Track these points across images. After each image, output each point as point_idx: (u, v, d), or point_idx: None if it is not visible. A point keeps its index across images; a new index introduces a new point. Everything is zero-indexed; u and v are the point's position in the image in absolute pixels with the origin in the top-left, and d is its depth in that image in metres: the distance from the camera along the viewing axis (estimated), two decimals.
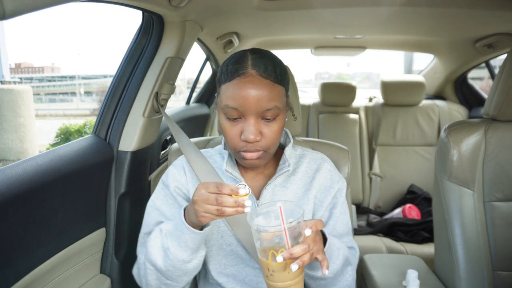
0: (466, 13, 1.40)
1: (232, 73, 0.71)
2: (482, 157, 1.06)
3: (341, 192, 0.86)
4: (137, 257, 0.83)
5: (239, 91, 0.69)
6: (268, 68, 0.71)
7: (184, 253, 0.71)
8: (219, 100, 0.75)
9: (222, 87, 0.73)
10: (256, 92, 0.69)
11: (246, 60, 0.72)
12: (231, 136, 0.74)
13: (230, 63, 0.73)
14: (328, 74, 29.46)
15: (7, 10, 0.51)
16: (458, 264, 1.07)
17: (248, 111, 0.70)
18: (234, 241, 0.82)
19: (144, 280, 0.78)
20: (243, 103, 0.70)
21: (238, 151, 0.75)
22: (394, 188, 2.32)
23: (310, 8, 1.35)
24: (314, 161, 0.88)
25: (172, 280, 0.74)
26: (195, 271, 0.75)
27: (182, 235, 0.69)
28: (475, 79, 2.51)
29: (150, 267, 0.75)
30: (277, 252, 0.60)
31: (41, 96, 18.75)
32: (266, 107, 0.70)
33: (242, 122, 0.72)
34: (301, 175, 0.86)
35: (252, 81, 0.70)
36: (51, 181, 0.85)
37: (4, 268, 0.74)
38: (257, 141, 0.72)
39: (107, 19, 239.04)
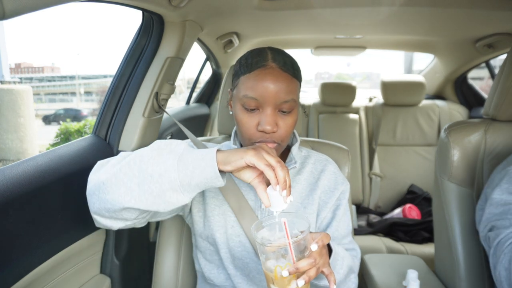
0: (466, 13, 1.40)
1: (253, 65, 0.74)
2: (482, 157, 1.06)
3: (344, 194, 0.88)
4: None
5: (259, 82, 0.72)
6: (287, 62, 0.75)
7: (182, 177, 0.61)
8: (237, 91, 0.77)
9: (241, 79, 0.75)
10: (276, 83, 0.72)
11: (266, 54, 0.75)
12: (247, 127, 0.75)
13: (250, 56, 0.76)
14: (328, 74, 29.47)
15: (7, 10, 0.51)
16: (458, 264, 1.07)
17: (267, 101, 0.72)
18: (242, 232, 0.83)
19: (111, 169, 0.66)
20: (262, 93, 0.72)
21: (253, 142, 0.76)
22: (394, 188, 2.32)
23: (310, 8, 1.35)
24: (319, 162, 0.90)
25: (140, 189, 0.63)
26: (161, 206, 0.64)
27: (199, 161, 0.61)
28: (475, 79, 2.51)
29: (136, 159, 0.64)
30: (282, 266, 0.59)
31: (41, 96, 18.75)
32: (284, 99, 0.73)
33: (259, 113, 0.74)
34: (307, 175, 0.87)
35: (272, 73, 0.73)
36: (51, 181, 0.85)
37: (4, 268, 0.74)
38: (274, 132, 0.74)
39: (107, 19, 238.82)
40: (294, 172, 0.86)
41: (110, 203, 0.66)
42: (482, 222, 0.91)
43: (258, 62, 0.74)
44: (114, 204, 0.65)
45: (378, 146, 2.36)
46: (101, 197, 0.67)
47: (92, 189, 0.69)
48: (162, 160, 0.62)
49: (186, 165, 0.61)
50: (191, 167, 0.61)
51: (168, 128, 1.58)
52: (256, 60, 0.74)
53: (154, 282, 1.00)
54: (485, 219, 0.89)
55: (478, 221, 0.95)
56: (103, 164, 0.73)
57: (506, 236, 0.80)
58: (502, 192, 0.86)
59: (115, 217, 0.69)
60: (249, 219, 0.82)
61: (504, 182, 0.86)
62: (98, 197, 0.68)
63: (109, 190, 0.65)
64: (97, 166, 0.73)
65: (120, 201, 0.64)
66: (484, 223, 0.89)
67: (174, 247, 1.01)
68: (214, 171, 0.61)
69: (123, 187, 0.64)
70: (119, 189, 0.64)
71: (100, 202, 0.67)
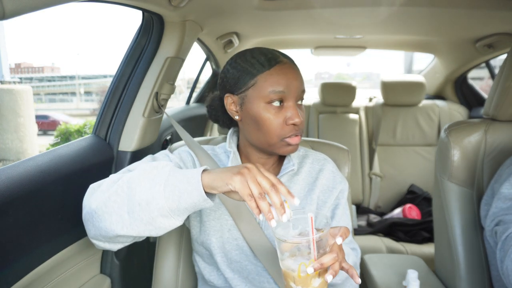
0: (466, 13, 1.40)
1: (270, 62, 0.75)
2: (482, 157, 1.06)
3: (343, 194, 0.87)
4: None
5: (284, 75, 0.75)
6: (290, 58, 0.80)
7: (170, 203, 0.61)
8: (256, 91, 0.75)
9: (261, 77, 0.75)
10: (295, 75, 0.77)
11: (273, 52, 0.78)
12: (276, 125, 0.76)
13: (258, 54, 0.77)
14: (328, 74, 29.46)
15: (7, 10, 0.51)
16: (459, 264, 1.07)
17: (292, 93, 0.76)
18: (239, 235, 0.83)
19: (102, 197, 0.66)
20: (288, 85, 0.75)
21: (283, 138, 0.77)
22: (394, 188, 2.32)
23: (310, 8, 1.35)
24: (317, 161, 0.90)
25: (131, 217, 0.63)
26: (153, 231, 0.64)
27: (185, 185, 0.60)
28: (475, 79, 2.51)
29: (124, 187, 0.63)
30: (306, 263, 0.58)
31: (41, 96, 18.74)
32: (303, 88, 0.79)
33: (283, 109, 0.76)
34: (304, 175, 0.87)
35: (290, 67, 0.77)
36: (51, 181, 0.85)
37: (4, 268, 0.74)
38: (302, 122, 0.78)
39: (107, 19, 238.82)
40: (292, 173, 0.86)
41: (104, 230, 0.66)
42: (489, 216, 0.90)
43: (272, 59, 0.76)
44: (107, 231, 0.66)
45: (378, 146, 2.36)
46: (95, 225, 0.67)
47: (86, 216, 0.69)
48: (148, 186, 0.62)
49: (173, 190, 0.61)
50: (178, 192, 0.60)
51: (168, 128, 1.58)
52: (268, 57, 0.76)
53: (154, 282, 1.00)
54: (492, 213, 0.89)
55: (484, 216, 0.95)
56: (95, 189, 0.72)
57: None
58: (510, 186, 0.86)
59: (112, 242, 0.70)
60: (247, 222, 0.81)
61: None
62: (92, 225, 0.68)
63: (101, 218, 0.65)
64: (89, 191, 0.72)
65: (113, 228, 0.64)
66: (491, 218, 0.89)
67: (174, 248, 1.01)
68: (201, 195, 0.60)
69: (114, 215, 0.64)
70: (110, 217, 0.64)
71: (95, 229, 0.68)
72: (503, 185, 0.88)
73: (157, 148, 1.47)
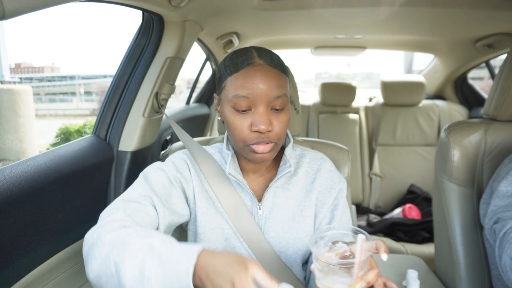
0: (466, 13, 1.40)
1: (239, 64, 0.71)
2: (482, 157, 1.06)
3: (342, 193, 0.85)
4: (101, 219, 0.68)
5: (249, 79, 0.69)
6: (273, 58, 0.73)
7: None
8: (224, 94, 0.73)
9: (229, 79, 0.72)
10: (266, 79, 0.70)
11: (251, 52, 0.73)
12: (240, 129, 0.72)
13: (235, 56, 0.73)
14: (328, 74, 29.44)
15: (7, 10, 0.51)
16: (459, 264, 1.07)
17: (259, 99, 0.70)
18: (238, 244, 0.81)
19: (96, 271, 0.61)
20: (253, 90, 0.69)
21: (248, 145, 0.73)
22: (394, 188, 2.32)
23: (310, 8, 1.35)
24: (314, 161, 0.88)
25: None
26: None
27: (176, 281, 0.53)
28: (475, 79, 2.51)
29: (113, 271, 0.58)
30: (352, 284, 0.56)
31: (41, 96, 18.74)
32: (276, 94, 0.70)
33: (252, 114, 0.71)
34: (302, 175, 0.85)
35: (261, 69, 0.70)
36: (51, 181, 0.85)
37: (4, 268, 0.74)
38: (269, 131, 0.71)
39: (107, 19, 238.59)
40: (289, 174, 0.83)
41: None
42: (488, 215, 0.90)
43: (245, 60, 0.71)
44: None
45: (378, 146, 2.36)
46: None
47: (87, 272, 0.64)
48: (136, 274, 0.55)
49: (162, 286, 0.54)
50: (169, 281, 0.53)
51: (168, 128, 1.58)
52: (242, 59, 0.71)
53: None
54: (491, 211, 0.89)
55: (483, 215, 0.95)
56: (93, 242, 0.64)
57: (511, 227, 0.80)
58: (508, 184, 0.86)
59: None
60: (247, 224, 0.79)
61: (511, 175, 0.86)
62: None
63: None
64: (87, 244, 0.65)
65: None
66: (490, 216, 0.89)
67: None
68: None
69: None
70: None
71: None
72: (501, 183, 0.88)
73: (157, 148, 1.47)
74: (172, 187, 0.78)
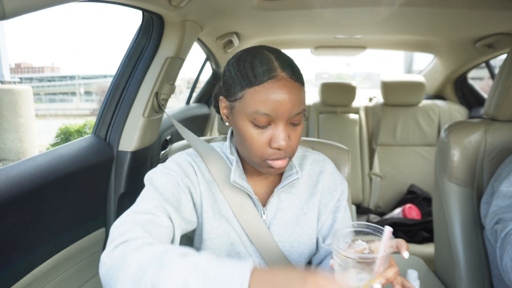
0: (466, 13, 1.40)
1: (261, 76, 0.65)
2: (482, 157, 1.06)
3: (343, 195, 0.85)
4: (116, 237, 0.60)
5: (272, 96, 0.64)
6: (294, 70, 0.68)
7: None
8: (242, 105, 0.67)
9: (248, 91, 0.66)
10: (290, 96, 0.65)
11: (271, 61, 0.67)
12: (259, 145, 0.68)
13: (255, 64, 0.66)
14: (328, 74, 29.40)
15: (7, 10, 0.51)
16: (459, 264, 1.07)
17: (280, 116, 0.66)
18: (243, 249, 0.80)
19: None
20: (277, 108, 0.65)
21: (265, 160, 0.70)
22: (394, 188, 2.32)
23: (310, 8, 1.35)
24: (316, 162, 0.87)
25: None
26: None
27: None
28: (475, 79, 2.51)
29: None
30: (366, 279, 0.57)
31: (41, 96, 18.73)
32: (298, 111, 0.67)
33: (271, 129, 0.68)
34: (305, 178, 0.84)
35: (285, 85, 0.65)
36: (51, 181, 0.85)
37: (4, 268, 0.74)
38: (288, 147, 0.69)
39: (107, 19, 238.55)
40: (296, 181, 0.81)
41: None
42: (489, 215, 0.90)
43: (266, 72, 0.65)
44: None
45: (378, 146, 2.36)
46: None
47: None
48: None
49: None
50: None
51: (168, 128, 1.58)
52: (263, 69, 0.65)
53: None
54: (492, 211, 0.89)
55: (484, 215, 0.95)
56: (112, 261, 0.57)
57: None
58: (510, 184, 0.86)
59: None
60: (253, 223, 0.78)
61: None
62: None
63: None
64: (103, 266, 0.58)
65: None
66: (491, 216, 0.89)
67: None
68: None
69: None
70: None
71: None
72: (502, 183, 0.88)
73: (157, 148, 1.47)
74: (181, 192, 0.74)
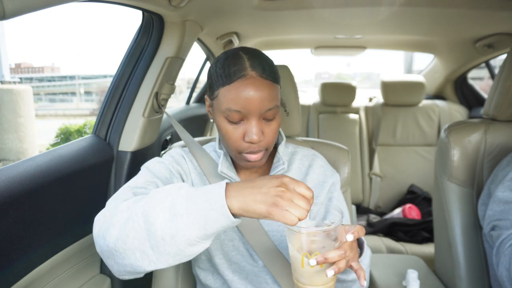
0: (466, 13, 1.40)
1: (232, 76, 0.70)
2: (482, 157, 1.06)
3: (335, 186, 0.87)
4: (109, 204, 0.67)
5: (242, 94, 0.69)
6: (265, 68, 0.72)
7: (196, 232, 0.56)
8: (217, 103, 0.73)
9: (222, 90, 0.72)
10: (258, 93, 0.69)
11: (243, 61, 0.71)
12: (234, 139, 0.74)
13: (227, 64, 0.72)
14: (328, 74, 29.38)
15: (7, 10, 0.51)
16: (459, 264, 1.07)
17: (251, 112, 0.70)
18: (236, 236, 0.83)
19: (117, 232, 0.59)
20: (246, 105, 0.69)
21: (241, 153, 0.75)
22: (394, 188, 2.32)
23: (310, 8, 1.35)
24: (306, 157, 0.89)
25: (156, 252, 0.58)
26: (184, 259, 0.60)
27: (209, 211, 0.55)
28: (475, 79, 2.51)
29: (140, 222, 0.58)
30: (310, 255, 0.57)
31: (41, 96, 18.73)
32: (268, 107, 0.71)
33: (244, 124, 0.73)
34: (294, 172, 0.87)
35: (254, 83, 0.70)
36: (51, 181, 0.85)
37: (4, 268, 0.74)
38: (261, 141, 0.73)
39: (107, 19, 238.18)
40: (283, 171, 0.85)
41: (130, 267, 0.61)
42: (486, 218, 0.91)
43: (237, 72, 0.70)
44: (134, 268, 0.60)
45: (378, 146, 2.36)
46: (118, 262, 0.61)
47: (105, 254, 0.63)
48: (168, 217, 0.56)
49: (197, 219, 0.55)
50: (203, 220, 0.55)
51: (168, 128, 1.58)
52: (234, 69, 0.70)
53: (154, 283, 1.00)
54: (488, 216, 0.90)
55: (482, 217, 0.96)
56: (105, 220, 0.63)
57: (507, 237, 0.81)
58: (504, 189, 0.86)
59: (140, 274, 0.64)
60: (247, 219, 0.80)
61: (507, 180, 0.87)
62: (114, 261, 0.62)
63: (123, 256, 0.59)
64: (98, 223, 0.64)
65: (139, 265, 0.59)
66: (487, 221, 0.90)
67: None
68: (229, 219, 0.55)
69: (138, 252, 0.58)
70: (133, 254, 0.59)
71: (118, 265, 0.62)
72: (497, 188, 0.89)
73: (157, 148, 1.47)
74: (173, 178, 0.80)
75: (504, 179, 0.88)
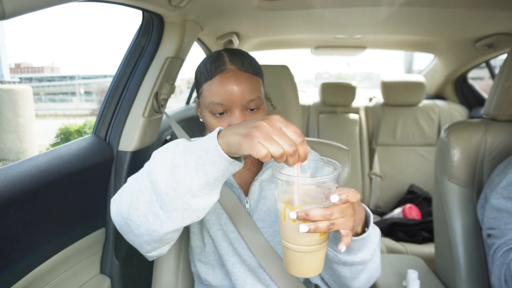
0: (466, 13, 1.40)
1: (213, 71, 0.75)
2: (482, 157, 1.06)
3: None
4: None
5: (222, 86, 0.73)
6: (245, 62, 0.76)
7: (197, 180, 0.56)
8: (202, 99, 0.77)
9: (204, 86, 0.76)
10: (238, 85, 0.73)
11: (223, 58, 0.76)
12: None
13: (208, 63, 0.76)
14: (328, 74, 29.41)
15: (7, 10, 0.51)
16: (459, 264, 1.07)
17: (233, 104, 0.73)
18: (234, 228, 0.84)
19: (129, 201, 0.63)
20: (227, 97, 0.73)
21: None
22: (394, 188, 2.32)
23: (310, 8, 1.35)
24: None
25: (165, 210, 0.59)
26: (194, 216, 0.60)
27: (205, 155, 0.55)
28: (475, 79, 2.51)
29: (146, 183, 0.60)
30: (292, 208, 0.53)
31: (41, 96, 18.73)
32: (250, 98, 0.74)
33: (228, 117, 0.75)
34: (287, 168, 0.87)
35: (233, 75, 0.73)
36: (51, 181, 0.85)
37: (4, 268, 0.74)
38: None
39: (107, 19, 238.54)
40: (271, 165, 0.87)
41: (147, 235, 0.63)
42: (483, 223, 0.93)
43: (217, 67, 0.74)
44: (150, 234, 0.62)
45: (378, 146, 2.36)
46: (135, 233, 0.64)
47: (123, 228, 0.66)
48: (169, 172, 0.58)
49: (195, 167, 0.56)
50: (200, 166, 0.55)
51: (168, 128, 1.58)
52: (214, 65, 0.75)
53: (154, 283, 1.00)
54: (484, 222, 0.92)
55: (481, 220, 0.97)
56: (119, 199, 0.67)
57: (499, 247, 0.83)
58: (497, 196, 0.88)
59: (158, 245, 0.67)
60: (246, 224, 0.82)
61: (500, 187, 0.88)
62: (133, 234, 0.65)
63: (138, 224, 0.62)
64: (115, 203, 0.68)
65: (154, 229, 0.61)
66: (484, 227, 0.92)
67: (175, 248, 1.01)
68: (225, 159, 0.54)
69: (150, 215, 0.60)
70: (146, 218, 0.61)
71: (137, 237, 0.65)
72: (491, 194, 0.90)
73: (157, 148, 1.47)
74: None
75: (498, 186, 0.89)
